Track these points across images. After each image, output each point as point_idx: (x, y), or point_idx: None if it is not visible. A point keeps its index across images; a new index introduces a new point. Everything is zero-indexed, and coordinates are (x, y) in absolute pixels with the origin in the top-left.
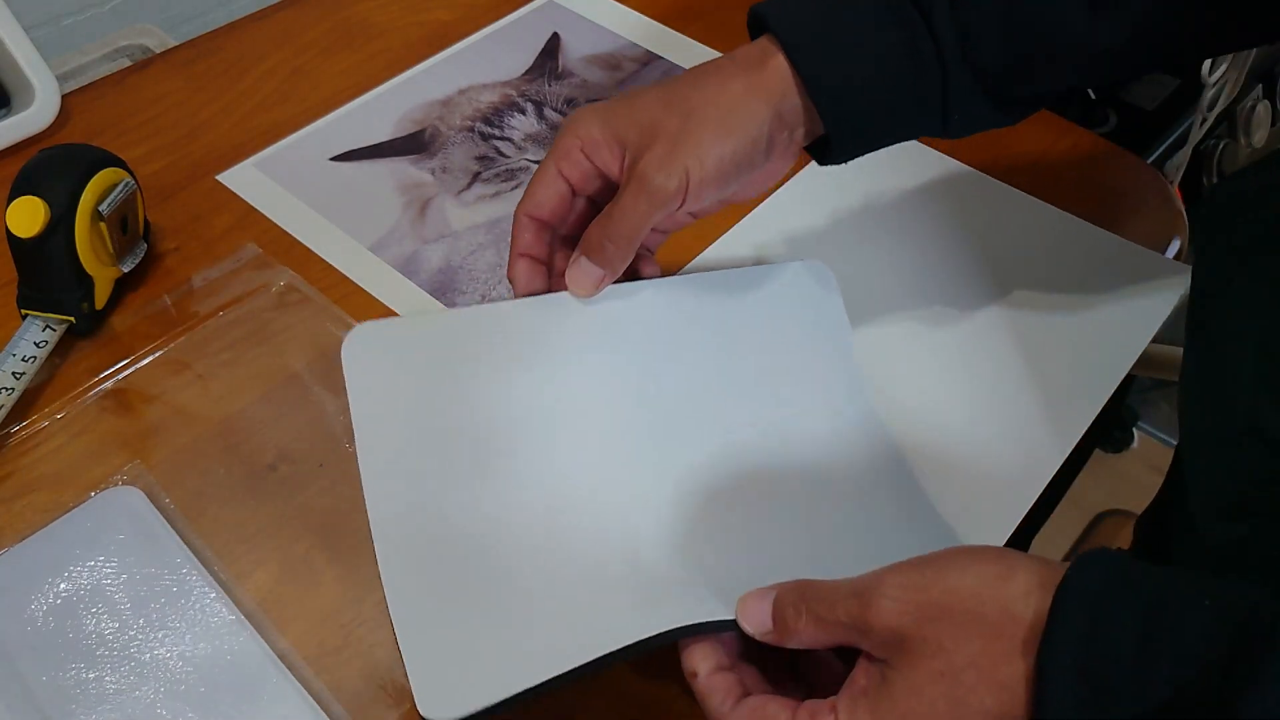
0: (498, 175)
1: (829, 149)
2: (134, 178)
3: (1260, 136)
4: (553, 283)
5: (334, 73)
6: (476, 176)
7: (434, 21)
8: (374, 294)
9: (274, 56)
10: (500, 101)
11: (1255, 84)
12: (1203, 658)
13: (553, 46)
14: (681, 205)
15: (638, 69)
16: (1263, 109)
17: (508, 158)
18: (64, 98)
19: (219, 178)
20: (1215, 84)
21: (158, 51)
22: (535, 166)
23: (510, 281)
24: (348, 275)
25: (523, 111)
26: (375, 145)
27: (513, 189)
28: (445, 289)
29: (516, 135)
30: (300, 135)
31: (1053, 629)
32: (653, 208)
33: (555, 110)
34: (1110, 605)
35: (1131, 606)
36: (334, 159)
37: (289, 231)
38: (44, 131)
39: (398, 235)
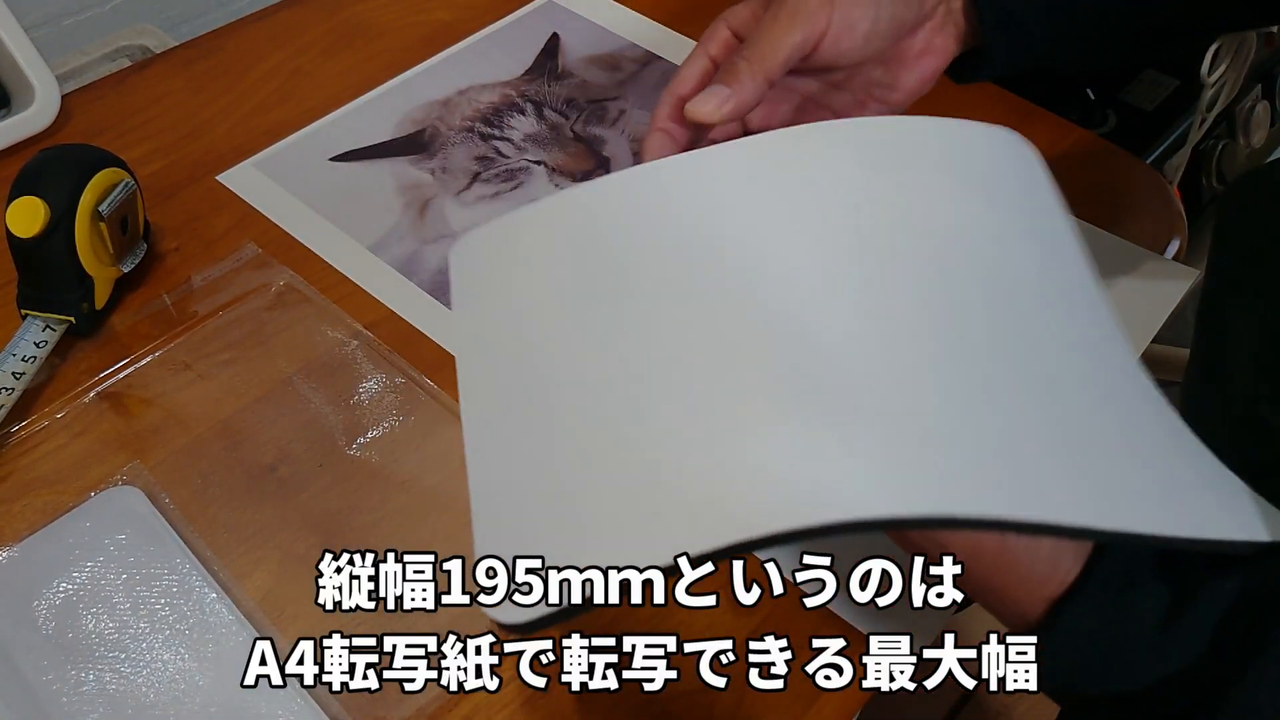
0: (497, 175)
1: (981, 57)
2: (134, 178)
3: (1260, 137)
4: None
5: (334, 73)
6: (476, 177)
7: (434, 22)
8: (374, 294)
9: (274, 56)
10: (500, 102)
11: (1255, 84)
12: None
13: (552, 47)
14: (825, 33)
15: (638, 69)
16: (1262, 109)
17: (507, 158)
18: (64, 98)
19: (219, 178)
20: (1214, 84)
21: (158, 51)
22: (535, 167)
23: (641, 157)
24: (347, 275)
25: (522, 112)
26: (375, 145)
27: (513, 189)
28: (445, 289)
29: (516, 135)
30: (300, 135)
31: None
32: (794, 24)
33: (555, 111)
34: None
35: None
36: (334, 159)
37: (289, 231)
38: (44, 131)
39: (397, 235)
